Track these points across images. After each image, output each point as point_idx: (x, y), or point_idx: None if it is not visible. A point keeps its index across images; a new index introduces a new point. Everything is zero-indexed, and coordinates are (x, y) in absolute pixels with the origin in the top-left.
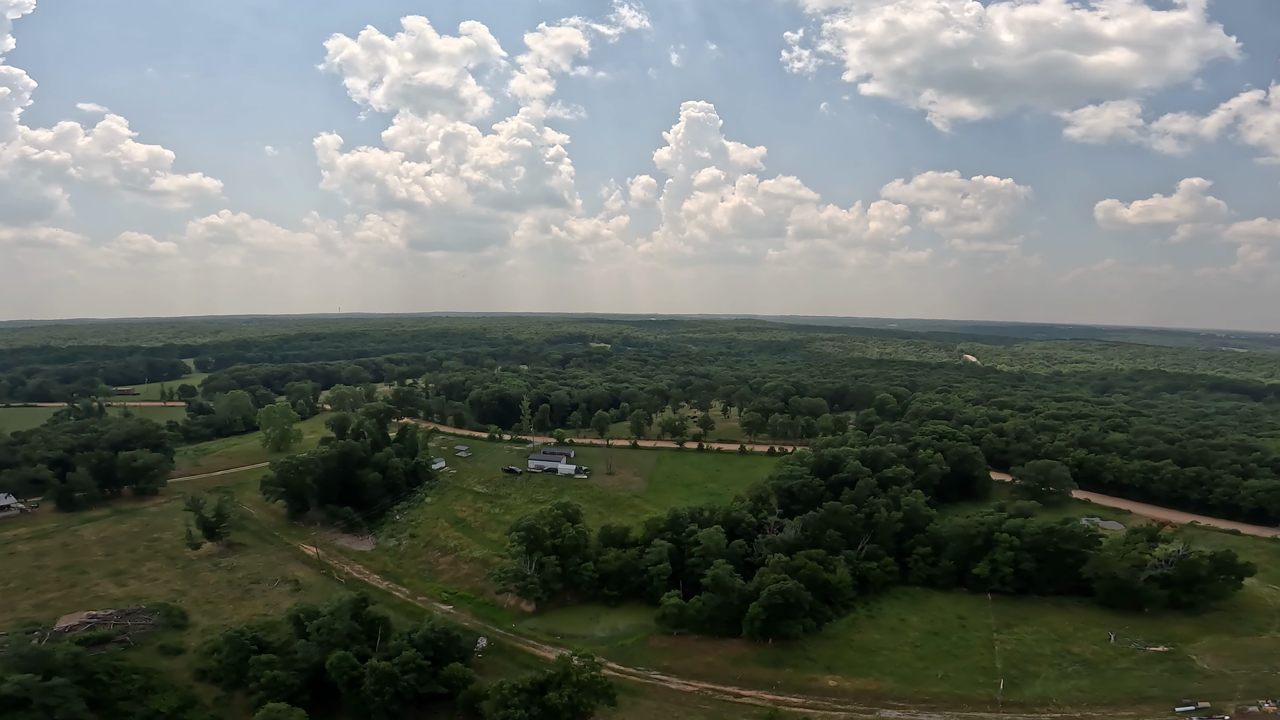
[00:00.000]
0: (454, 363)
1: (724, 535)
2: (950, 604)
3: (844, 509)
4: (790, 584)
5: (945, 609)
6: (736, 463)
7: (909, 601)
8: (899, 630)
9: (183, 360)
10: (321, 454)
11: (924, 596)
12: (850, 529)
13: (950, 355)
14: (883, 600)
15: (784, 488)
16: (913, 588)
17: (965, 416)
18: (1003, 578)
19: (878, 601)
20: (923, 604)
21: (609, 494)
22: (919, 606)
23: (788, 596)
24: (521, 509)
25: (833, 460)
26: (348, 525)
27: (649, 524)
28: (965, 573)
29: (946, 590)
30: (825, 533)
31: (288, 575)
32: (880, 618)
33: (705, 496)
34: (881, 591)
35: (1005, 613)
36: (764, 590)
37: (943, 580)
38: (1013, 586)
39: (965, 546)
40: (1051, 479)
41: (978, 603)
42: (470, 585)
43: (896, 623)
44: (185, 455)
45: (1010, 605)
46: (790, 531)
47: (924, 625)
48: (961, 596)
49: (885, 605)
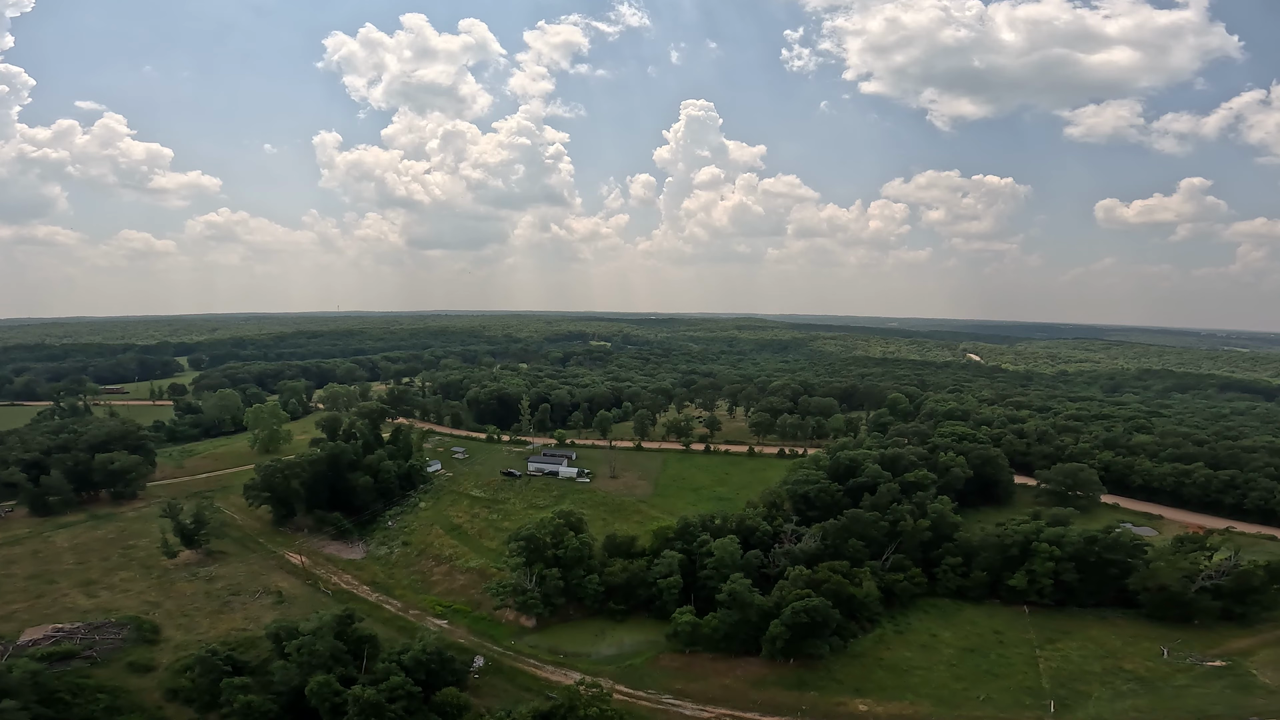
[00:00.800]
0: (451, 361)
1: (738, 545)
2: (984, 617)
3: (867, 517)
4: (817, 601)
5: (979, 623)
6: (745, 465)
7: (939, 615)
8: (931, 647)
9: (176, 358)
10: (309, 456)
11: (954, 609)
12: (874, 538)
13: (954, 354)
14: (910, 614)
15: (799, 493)
16: (941, 600)
17: (982, 417)
18: (1040, 589)
19: (905, 615)
20: (953, 618)
21: (613, 499)
22: (950, 620)
23: (814, 615)
24: (520, 515)
25: (849, 464)
26: (337, 532)
27: (657, 533)
28: (998, 584)
29: (978, 602)
30: (847, 542)
31: (270, 586)
32: (909, 633)
33: (714, 501)
34: (908, 604)
35: (1045, 627)
36: (787, 607)
37: (974, 592)
38: (1051, 599)
39: (998, 556)
40: (1080, 483)
41: (1013, 616)
42: (466, 598)
43: (928, 639)
44: (169, 457)
45: (1049, 618)
46: (810, 541)
47: (958, 641)
48: (995, 609)
49: (913, 619)
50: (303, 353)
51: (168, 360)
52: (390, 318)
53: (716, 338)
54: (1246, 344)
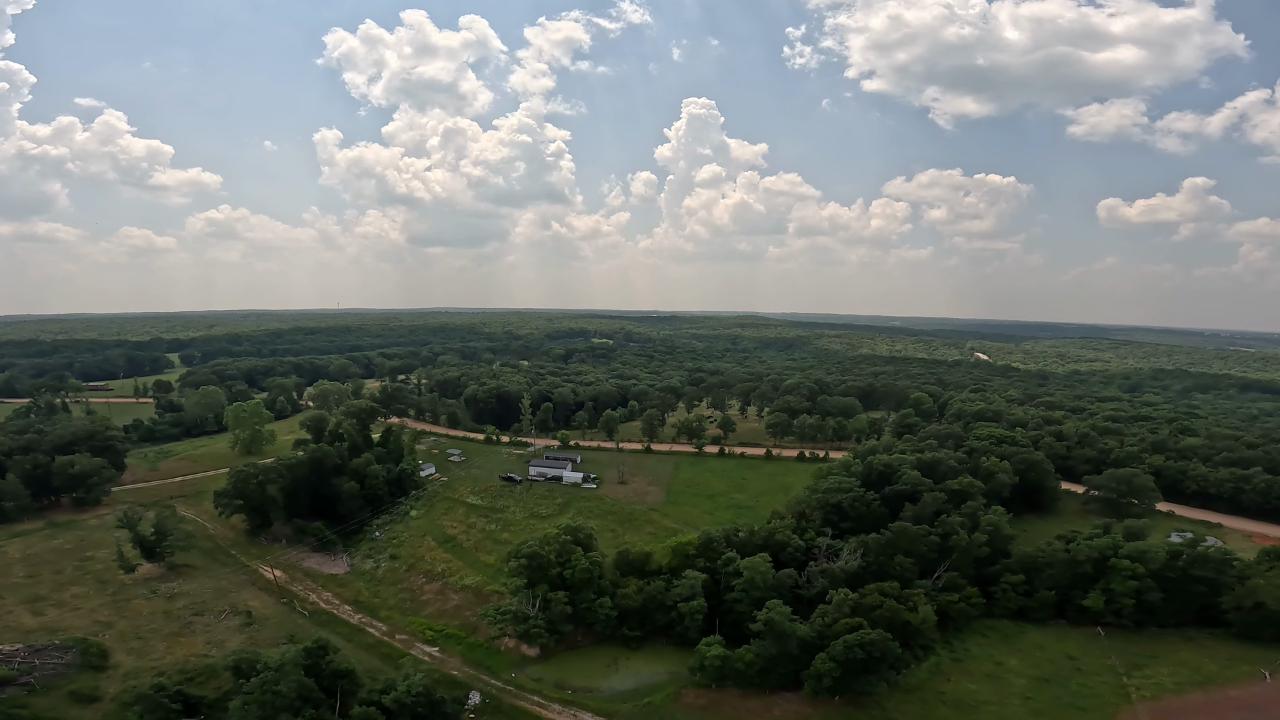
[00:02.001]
0: (450, 358)
1: (770, 564)
2: (1051, 641)
3: (914, 530)
4: (875, 635)
5: (1047, 647)
6: (763, 469)
7: (999, 639)
8: (998, 677)
9: (167, 355)
10: (288, 460)
11: (1016, 632)
12: (923, 554)
13: (961, 353)
14: (966, 638)
15: (831, 503)
16: (999, 621)
17: (1015, 418)
18: (1118, 610)
19: (961, 640)
20: (1016, 642)
21: (622, 507)
22: (1013, 645)
23: (870, 650)
24: (521, 526)
25: (884, 470)
26: (318, 543)
27: (676, 549)
28: (1065, 603)
29: (1041, 624)
30: (893, 559)
31: (239, 605)
32: (970, 661)
33: (732, 510)
34: (962, 627)
35: (1126, 650)
36: (838, 641)
37: (1038, 613)
38: (1130, 619)
39: (1067, 573)
40: (1135, 489)
41: (1086, 639)
42: (460, 620)
43: (992, 667)
44: (144, 458)
45: (1129, 641)
46: (850, 559)
47: (1028, 669)
48: (1063, 631)
49: (971, 644)
50: (297, 349)
51: (157, 356)
52: (390, 315)
53: (719, 335)
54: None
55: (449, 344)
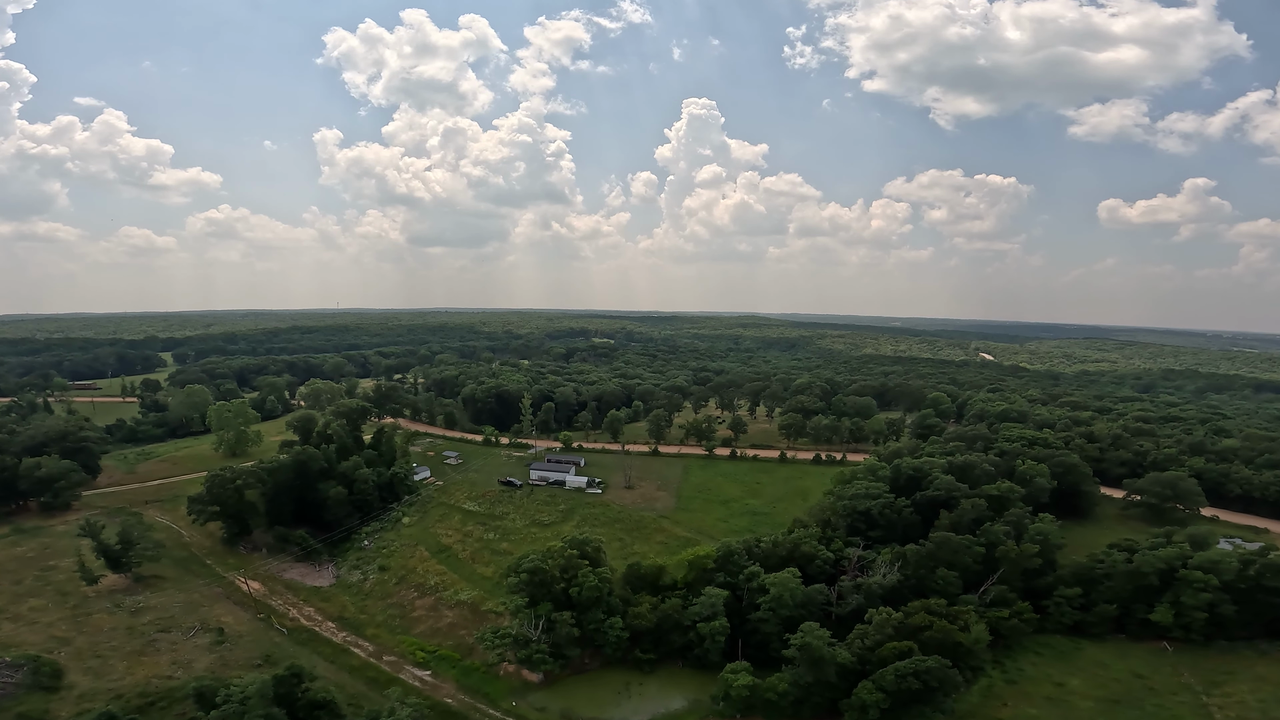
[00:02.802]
0: (448, 356)
1: (799, 580)
2: (1113, 658)
3: (957, 540)
4: (931, 662)
5: (1110, 665)
6: (777, 473)
7: (1054, 657)
8: (1061, 700)
9: (160, 354)
10: (269, 464)
11: (1071, 649)
12: (967, 566)
13: (966, 353)
14: (1018, 657)
15: (859, 510)
16: (1052, 637)
17: (1041, 419)
18: (1188, 624)
19: (1012, 659)
20: (1074, 660)
21: (630, 514)
22: (1071, 663)
23: (926, 679)
24: (521, 534)
25: (913, 474)
26: (302, 552)
27: (693, 563)
28: (1126, 617)
29: (1099, 640)
30: (934, 572)
31: (210, 621)
32: (1025, 683)
33: (747, 517)
34: (1013, 645)
35: (1199, 667)
36: (888, 670)
37: (1095, 628)
38: (1200, 633)
39: (1129, 585)
40: (1180, 494)
41: (1150, 655)
42: (454, 640)
43: (1052, 689)
44: (123, 460)
45: (1197, 657)
46: (886, 572)
47: (1093, 690)
48: (1124, 647)
49: (1024, 663)
50: (293, 348)
51: (149, 355)
52: (389, 315)
53: (721, 335)
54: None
55: (448, 343)
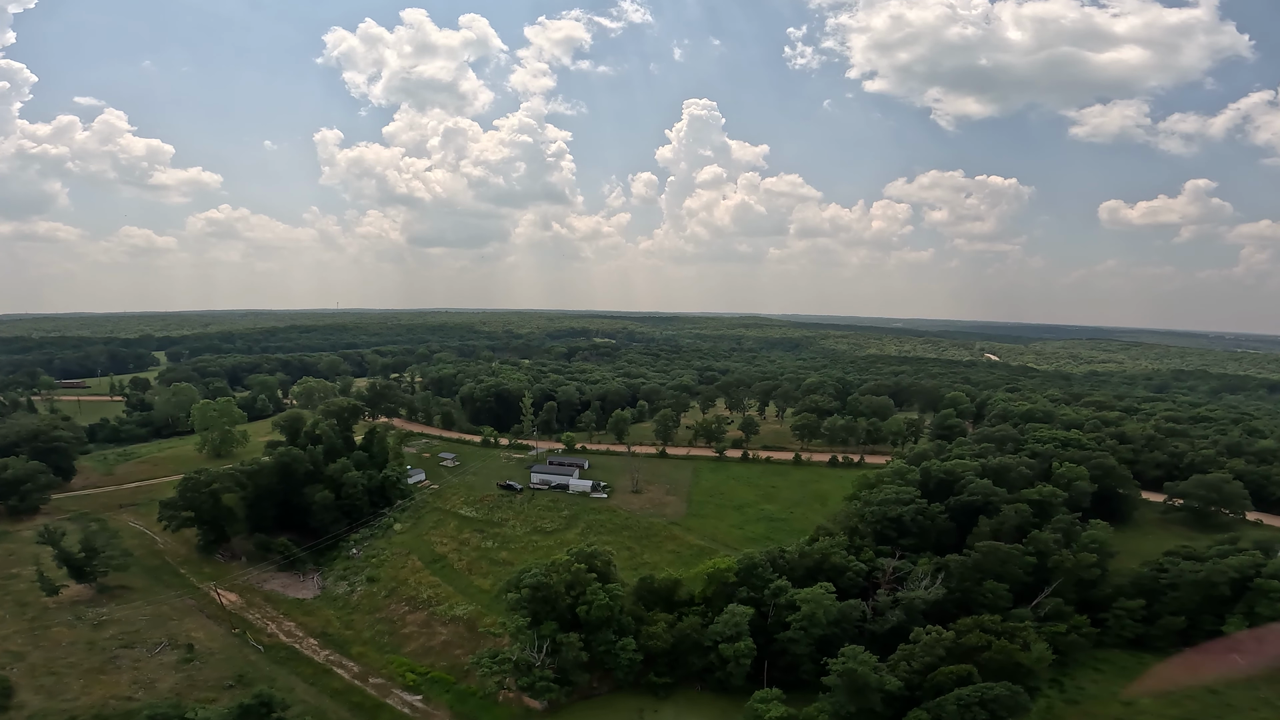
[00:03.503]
0: (446, 354)
1: (834, 595)
2: (1182, 672)
3: (1007, 550)
4: (999, 689)
5: (1181, 680)
6: (792, 475)
7: (1115, 672)
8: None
9: (153, 352)
10: (250, 466)
11: (1134, 664)
12: (1017, 578)
13: (971, 353)
14: (1077, 674)
15: (889, 516)
16: (1110, 652)
17: (1068, 419)
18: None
19: (1070, 676)
20: (1138, 675)
21: (638, 520)
22: (1136, 680)
23: (994, 708)
24: (522, 543)
25: (944, 478)
26: (285, 561)
27: (712, 576)
28: (1192, 629)
29: (1162, 653)
30: (981, 585)
31: (179, 636)
32: (1087, 702)
33: (764, 523)
34: (1070, 661)
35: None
36: (948, 698)
37: (1159, 641)
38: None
39: (1197, 595)
40: (1225, 497)
41: (1220, 669)
42: (448, 660)
43: (1121, 709)
44: (101, 461)
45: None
46: (927, 584)
47: (1166, 709)
48: (1191, 661)
49: (1084, 681)
50: (289, 347)
51: (142, 354)
52: (389, 315)
53: (723, 336)
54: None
55: (447, 342)
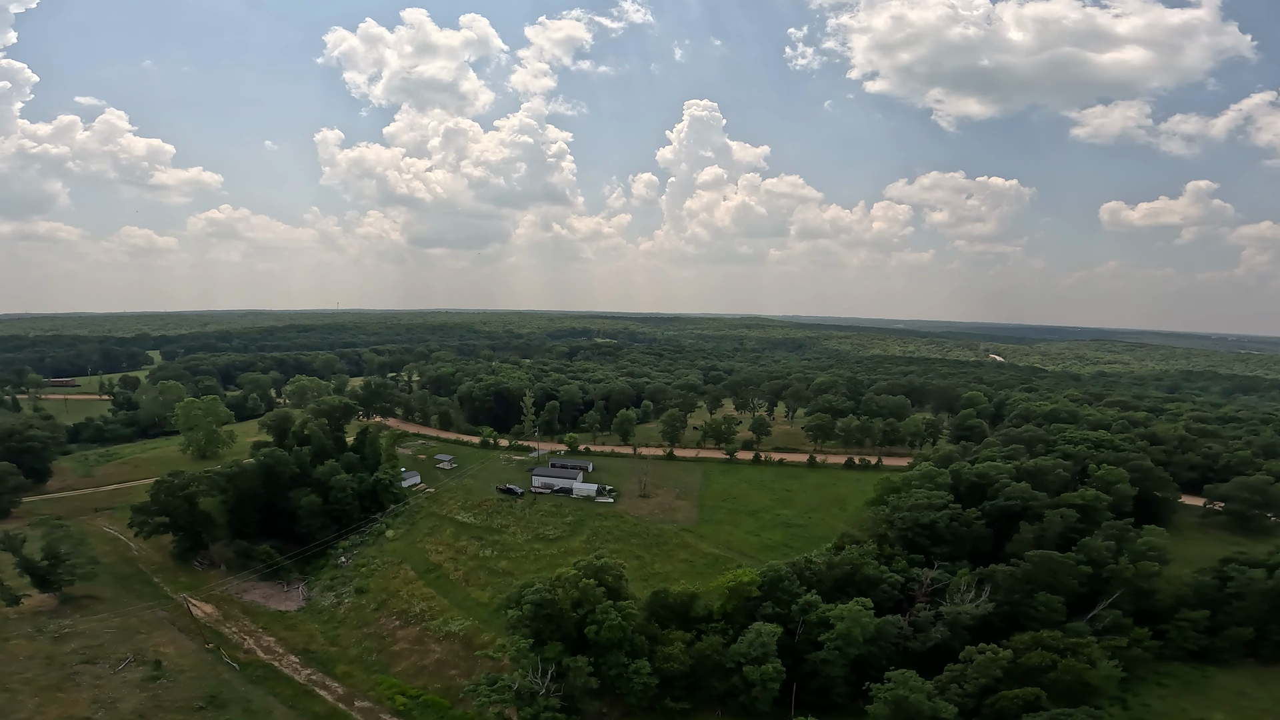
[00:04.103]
0: (445, 353)
1: (872, 612)
2: (1252, 685)
3: (1061, 559)
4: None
5: (1251, 694)
6: (807, 479)
7: (1181, 687)
8: None
9: (148, 351)
10: (229, 469)
11: (1199, 678)
12: (1070, 588)
13: (976, 354)
14: (1140, 690)
15: (922, 523)
16: (1171, 664)
17: (1094, 420)
18: None
19: (1134, 693)
20: (1205, 690)
21: (647, 527)
22: (1205, 694)
23: None
24: (523, 552)
25: (976, 481)
26: (268, 570)
27: (734, 590)
28: (1260, 640)
29: (1228, 666)
30: (1033, 597)
31: (147, 651)
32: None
33: (781, 529)
34: (1131, 676)
35: None
36: None
37: (1225, 653)
38: None
39: (1265, 604)
40: (1269, 500)
41: None
42: (442, 682)
43: None
44: (81, 462)
45: None
46: (973, 598)
47: None
48: (1258, 673)
49: (1149, 697)
50: (287, 346)
51: (135, 352)
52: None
53: (725, 336)
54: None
55: (447, 342)
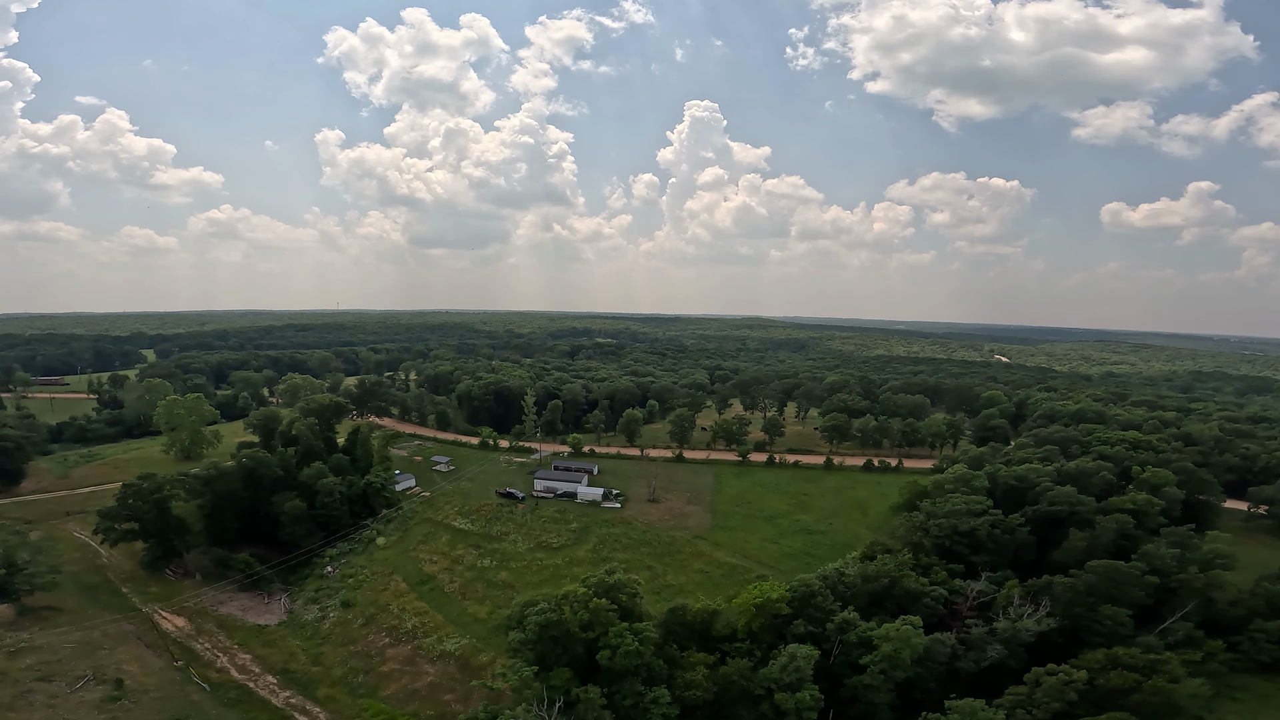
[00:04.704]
0: (444, 352)
1: (921, 632)
2: None
3: (1127, 569)
4: None
5: None
6: (824, 482)
7: (1256, 701)
8: None
9: (142, 350)
10: (205, 472)
11: (1274, 692)
12: (1135, 600)
13: (981, 355)
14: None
15: (961, 530)
16: (1242, 677)
17: (1124, 420)
18: None
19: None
20: None
21: (659, 534)
22: None
23: None
24: (524, 562)
25: (1016, 484)
26: (248, 580)
27: (762, 607)
28: None
29: None
30: (1096, 610)
31: (108, 668)
32: None
33: (801, 536)
34: None
35: None
36: None
37: None
38: None
39: None
40: None
41: None
42: (436, 708)
43: None
44: (60, 463)
45: None
46: (1032, 612)
47: None
48: None
49: (1225, 713)
50: (284, 345)
51: (129, 351)
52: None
53: (727, 336)
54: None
55: (447, 341)
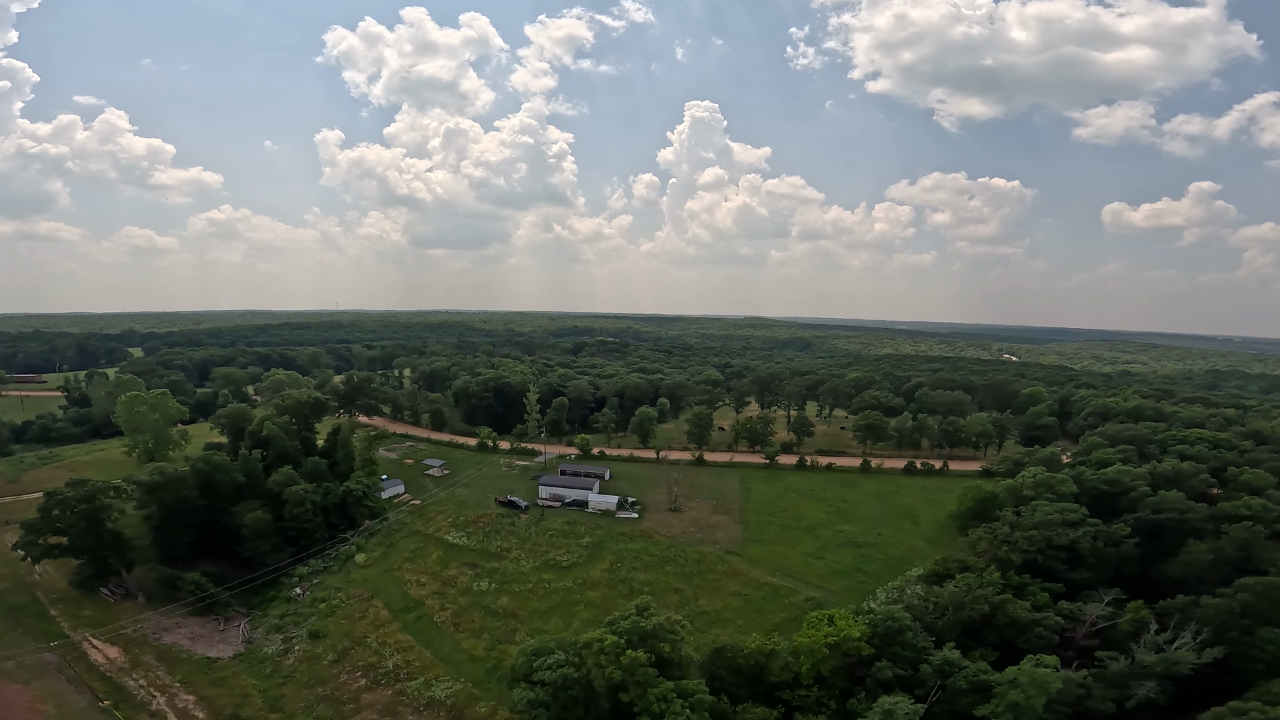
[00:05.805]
0: (441, 348)
1: (1058, 674)
2: None
3: None
4: None
5: None
6: (863, 486)
7: None
8: None
9: (129, 348)
10: (153, 478)
11: None
12: None
13: (990, 354)
14: None
15: (1057, 542)
16: None
17: (1187, 418)
18: None
19: None
20: None
21: (684, 549)
22: None
23: None
24: (529, 584)
25: (1106, 488)
26: (201, 603)
27: (835, 647)
28: None
29: None
30: (1253, 635)
31: (18, 708)
32: None
33: (848, 549)
34: None
35: None
36: None
37: None
38: None
39: None
40: None
41: None
42: None
43: None
44: (16, 465)
45: None
46: (1183, 642)
47: None
48: None
49: None
50: (279, 343)
51: (114, 348)
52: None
53: (730, 336)
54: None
55: (445, 339)
